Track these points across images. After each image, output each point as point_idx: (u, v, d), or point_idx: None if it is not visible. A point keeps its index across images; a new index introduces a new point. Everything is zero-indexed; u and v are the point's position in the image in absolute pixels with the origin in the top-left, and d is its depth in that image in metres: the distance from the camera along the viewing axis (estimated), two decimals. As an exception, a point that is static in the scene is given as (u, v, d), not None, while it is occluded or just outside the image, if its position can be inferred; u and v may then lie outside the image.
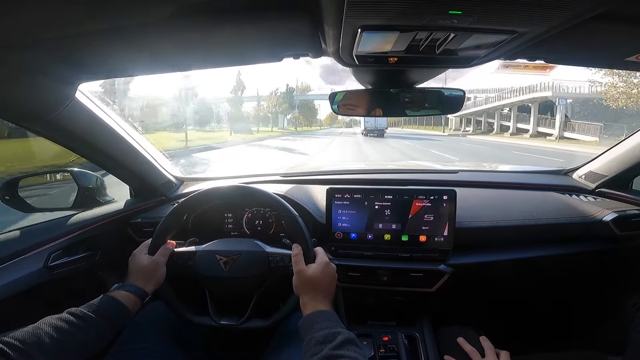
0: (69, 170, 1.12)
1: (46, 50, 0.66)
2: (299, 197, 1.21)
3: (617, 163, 1.24)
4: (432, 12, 0.51)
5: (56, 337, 0.62)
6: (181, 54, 0.79)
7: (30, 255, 0.91)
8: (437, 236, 1.07)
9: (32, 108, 0.80)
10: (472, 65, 0.79)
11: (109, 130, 1.00)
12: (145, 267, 0.85)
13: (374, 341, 1.06)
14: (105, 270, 1.13)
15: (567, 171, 1.48)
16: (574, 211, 1.19)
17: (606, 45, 0.76)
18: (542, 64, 0.85)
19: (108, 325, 0.71)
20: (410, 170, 1.55)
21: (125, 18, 0.58)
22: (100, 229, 1.10)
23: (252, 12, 0.61)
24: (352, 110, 0.96)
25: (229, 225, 1.25)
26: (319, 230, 1.12)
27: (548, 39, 0.63)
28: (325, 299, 0.77)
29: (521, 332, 1.31)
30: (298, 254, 0.83)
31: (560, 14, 0.52)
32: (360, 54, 0.70)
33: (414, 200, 1.07)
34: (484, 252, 1.13)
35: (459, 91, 0.92)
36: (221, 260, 0.89)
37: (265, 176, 1.49)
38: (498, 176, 1.52)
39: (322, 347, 0.62)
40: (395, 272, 1.08)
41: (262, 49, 0.80)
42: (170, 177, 1.36)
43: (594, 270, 1.26)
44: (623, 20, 0.62)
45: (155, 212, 1.26)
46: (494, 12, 0.51)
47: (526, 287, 1.31)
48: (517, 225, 1.14)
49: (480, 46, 0.66)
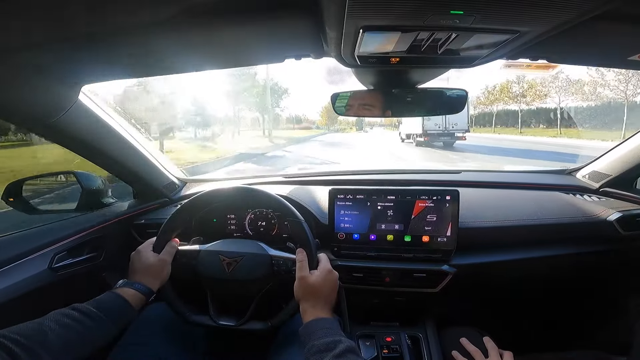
0: (73, 172, 1.13)
1: (49, 53, 0.67)
2: (301, 198, 1.21)
3: (621, 162, 1.24)
4: (433, 12, 0.51)
5: (60, 333, 0.61)
6: (184, 55, 0.79)
7: (35, 257, 0.92)
8: (440, 236, 1.07)
9: (36, 110, 0.81)
10: (474, 65, 0.78)
11: (112, 132, 1.01)
12: (152, 265, 0.85)
13: (377, 342, 1.06)
14: (109, 272, 1.13)
15: (570, 170, 1.47)
16: (577, 211, 1.18)
17: (609, 45, 0.75)
18: (545, 64, 0.84)
19: (112, 322, 0.71)
20: (413, 171, 1.55)
21: (128, 20, 0.59)
22: (103, 231, 1.10)
23: (254, 14, 0.61)
24: (354, 111, 0.96)
25: (232, 227, 1.25)
26: (322, 231, 1.12)
27: (550, 39, 0.63)
28: (326, 307, 0.77)
29: (524, 333, 1.30)
30: (302, 259, 0.83)
31: (562, 13, 0.52)
32: (362, 55, 0.70)
33: (416, 200, 1.06)
34: (487, 252, 1.13)
35: (461, 91, 0.92)
36: (224, 261, 0.89)
37: (268, 177, 1.49)
38: (501, 176, 1.52)
39: (323, 355, 0.62)
40: (398, 272, 1.08)
41: (264, 50, 0.80)
42: (173, 179, 1.36)
43: (597, 270, 1.26)
44: (625, 20, 0.62)
45: (159, 213, 1.26)
46: (496, 11, 0.51)
47: (530, 288, 1.31)
48: (521, 225, 1.13)
49: (482, 46, 0.66)
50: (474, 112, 35.83)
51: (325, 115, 60.22)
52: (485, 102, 34.44)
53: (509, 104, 32.16)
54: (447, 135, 13.43)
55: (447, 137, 13.48)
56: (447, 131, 13.31)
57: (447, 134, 13.40)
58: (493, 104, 33.57)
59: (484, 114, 36.87)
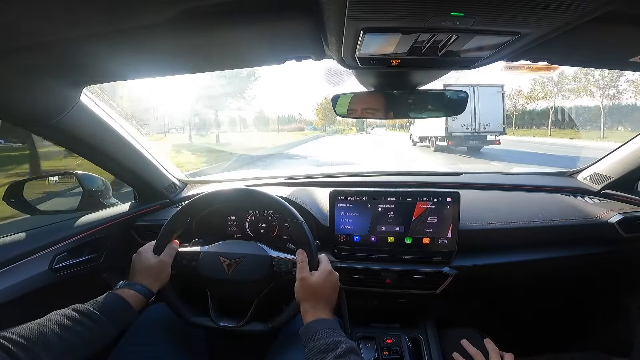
0: (74, 173, 1.13)
1: (51, 53, 0.67)
2: (302, 199, 1.21)
3: (622, 164, 1.24)
4: (434, 13, 0.51)
5: (60, 334, 0.61)
6: (185, 57, 0.79)
7: (36, 258, 0.92)
8: (440, 238, 1.06)
9: (37, 111, 0.81)
10: (475, 66, 0.78)
11: (113, 133, 1.01)
12: (152, 266, 0.85)
13: (378, 343, 1.06)
14: (109, 273, 1.13)
15: (571, 172, 1.47)
16: (579, 213, 1.18)
17: (610, 47, 0.75)
18: (545, 65, 0.84)
19: (112, 323, 0.71)
20: (414, 173, 1.54)
21: (129, 21, 0.59)
22: (104, 232, 1.10)
23: (255, 15, 0.61)
24: (356, 113, 0.96)
25: (232, 228, 1.25)
26: (322, 232, 1.12)
27: (551, 40, 0.63)
28: (327, 307, 0.77)
29: (525, 334, 1.30)
30: (303, 260, 0.83)
31: (563, 15, 0.52)
32: (363, 56, 0.70)
33: (417, 202, 1.06)
34: (488, 254, 1.12)
35: (462, 93, 0.92)
36: (225, 262, 0.89)
37: (269, 179, 1.49)
38: (502, 178, 1.51)
39: (324, 355, 0.62)
40: (399, 274, 1.08)
41: (265, 52, 0.80)
42: (174, 180, 1.37)
43: (598, 272, 1.25)
44: (627, 21, 0.62)
45: (159, 214, 1.26)
46: (497, 13, 0.51)
47: (530, 289, 1.31)
48: (522, 227, 1.13)
49: (483, 47, 0.66)
50: (514, 110, 28.65)
51: (321, 115, 53.13)
52: (533, 96, 26.90)
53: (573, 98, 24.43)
54: (477, 139, 10.88)
55: (477, 140, 10.92)
56: (478, 133, 10.70)
57: (476, 137, 10.77)
58: (549, 98, 25.72)
59: (529, 112, 29.31)
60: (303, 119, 67.77)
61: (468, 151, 11.14)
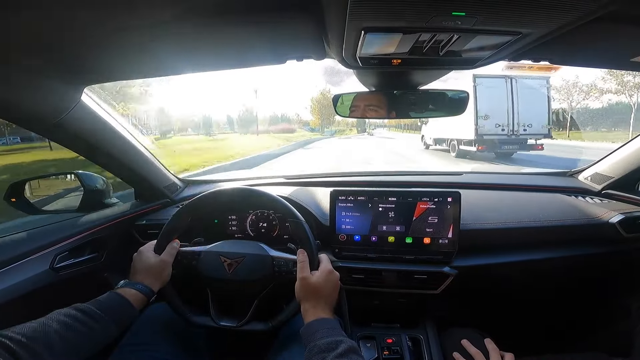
0: (75, 173, 1.13)
1: (52, 53, 0.67)
2: (302, 199, 1.21)
3: (624, 164, 1.23)
4: (435, 13, 0.51)
5: (62, 333, 0.61)
6: (185, 56, 0.79)
7: (36, 257, 0.92)
8: (441, 238, 1.06)
9: (38, 111, 0.81)
10: (476, 66, 0.78)
11: (114, 133, 1.01)
12: (153, 265, 0.85)
13: (378, 343, 1.06)
14: (110, 272, 1.13)
15: (572, 172, 1.47)
16: (579, 213, 1.18)
17: (612, 47, 0.75)
18: (547, 65, 0.84)
19: (114, 322, 0.71)
20: (414, 173, 1.54)
21: (129, 20, 0.59)
22: (105, 231, 1.11)
23: (256, 15, 0.61)
24: (357, 113, 0.96)
25: (233, 227, 1.25)
26: (323, 232, 1.12)
27: (553, 40, 0.63)
28: (327, 307, 0.77)
29: (526, 335, 1.30)
30: (303, 260, 0.83)
31: (565, 15, 0.52)
32: (364, 56, 0.70)
33: (418, 202, 1.06)
34: (488, 254, 1.12)
35: (463, 92, 0.92)
36: (225, 262, 0.89)
37: (269, 178, 1.49)
38: (503, 178, 1.51)
39: (324, 355, 0.62)
40: (400, 274, 1.08)
41: (266, 52, 0.80)
42: (175, 180, 1.37)
43: (599, 272, 1.25)
44: (629, 21, 0.62)
45: (160, 214, 1.27)
46: (498, 13, 0.51)
47: (531, 289, 1.30)
48: (522, 227, 1.13)
49: (484, 47, 0.66)
50: (568, 108, 20.48)
51: (316, 113, 43.36)
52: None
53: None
54: (515, 143, 8.72)
55: (515, 145, 8.77)
56: (516, 136, 8.58)
57: (514, 141, 8.64)
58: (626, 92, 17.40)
59: (596, 111, 20.52)
60: (300, 119, 60.46)
61: (497, 157, 9.06)
